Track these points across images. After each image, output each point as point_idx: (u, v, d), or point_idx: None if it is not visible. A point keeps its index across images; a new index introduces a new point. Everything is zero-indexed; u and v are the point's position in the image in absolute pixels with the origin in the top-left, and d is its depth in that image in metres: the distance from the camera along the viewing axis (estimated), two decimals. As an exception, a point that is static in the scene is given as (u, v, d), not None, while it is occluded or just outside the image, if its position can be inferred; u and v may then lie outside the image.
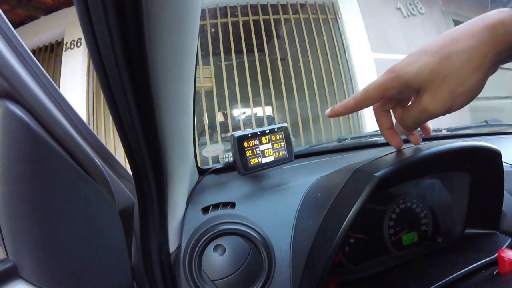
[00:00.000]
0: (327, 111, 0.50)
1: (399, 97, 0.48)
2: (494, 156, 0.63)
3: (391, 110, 0.52)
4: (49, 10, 4.61)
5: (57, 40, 4.56)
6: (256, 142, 0.73)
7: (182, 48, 0.39)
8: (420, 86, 0.39)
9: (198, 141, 3.98)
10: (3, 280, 0.44)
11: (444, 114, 0.40)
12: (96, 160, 0.52)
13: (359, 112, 4.23)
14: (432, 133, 1.12)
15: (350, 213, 0.49)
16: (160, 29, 0.31)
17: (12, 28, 0.41)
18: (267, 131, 0.74)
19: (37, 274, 0.46)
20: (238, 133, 0.72)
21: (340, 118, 4.08)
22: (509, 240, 0.65)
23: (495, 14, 0.34)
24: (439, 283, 0.54)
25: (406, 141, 0.93)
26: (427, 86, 0.38)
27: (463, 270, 0.56)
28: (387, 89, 0.43)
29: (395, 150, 0.61)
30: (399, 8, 4.70)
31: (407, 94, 0.45)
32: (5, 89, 0.39)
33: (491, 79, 0.39)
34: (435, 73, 0.37)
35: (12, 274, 0.45)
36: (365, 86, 0.45)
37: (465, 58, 0.35)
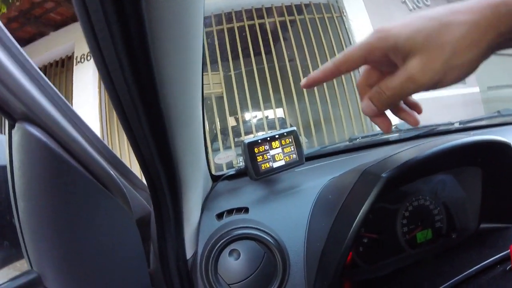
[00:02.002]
0: (302, 81, 0.44)
1: (383, 64, 0.41)
2: (505, 149, 0.63)
3: None
4: (57, 26, 4.70)
5: (67, 55, 4.66)
6: (267, 147, 0.74)
7: (187, 57, 0.40)
8: (410, 51, 0.34)
9: (211, 147, 4.00)
10: (28, 290, 0.46)
11: (431, 87, 0.35)
12: (112, 173, 0.53)
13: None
14: (444, 127, 1.12)
15: (360, 214, 0.50)
16: (164, 41, 0.32)
17: (24, 52, 0.43)
18: (277, 136, 0.75)
19: (60, 283, 0.48)
20: (248, 140, 0.73)
21: (352, 117, 4.05)
22: (524, 234, 0.64)
23: None
24: (452, 281, 0.54)
25: (412, 138, 0.93)
26: (419, 51, 0.34)
27: (476, 267, 0.56)
28: (371, 50, 0.38)
29: (405, 148, 0.61)
30: (404, 2, 4.67)
31: (391, 61, 0.39)
32: (23, 112, 0.41)
33: (503, 68, 0.37)
34: (431, 38, 0.33)
35: (36, 284, 0.47)
36: (347, 48, 0.40)
37: (465, 30, 0.32)
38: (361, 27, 4.29)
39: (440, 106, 3.79)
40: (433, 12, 0.34)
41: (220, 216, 0.69)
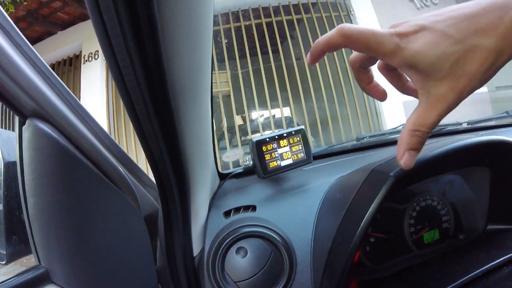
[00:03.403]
0: (308, 58, 0.40)
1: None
2: (512, 149, 0.62)
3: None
4: (65, 25, 4.74)
5: (75, 54, 4.69)
6: (274, 145, 0.74)
7: (197, 56, 0.40)
8: (432, 76, 0.32)
9: (218, 146, 4.01)
10: (36, 285, 0.47)
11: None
12: (121, 169, 0.54)
13: (378, 110, 4.19)
14: (452, 127, 1.12)
15: (368, 213, 0.50)
16: (175, 40, 0.32)
17: (35, 50, 0.44)
18: (285, 134, 0.75)
19: (67, 279, 0.49)
20: (256, 138, 0.74)
21: (359, 116, 4.04)
22: (532, 235, 0.64)
23: None
24: (459, 281, 0.54)
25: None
26: (446, 80, 0.32)
27: (483, 268, 0.56)
28: (382, 52, 0.34)
29: None
30: (412, 0, 4.64)
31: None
32: (33, 109, 0.41)
33: (510, 68, 0.37)
34: (458, 66, 0.31)
35: (44, 279, 0.48)
36: (360, 28, 0.35)
37: (491, 59, 0.30)
38: (368, 25, 4.27)
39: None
40: (456, 30, 0.31)
41: (227, 214, 0.69)
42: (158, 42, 0.29)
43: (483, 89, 4.17)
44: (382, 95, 0.43)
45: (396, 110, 3.92)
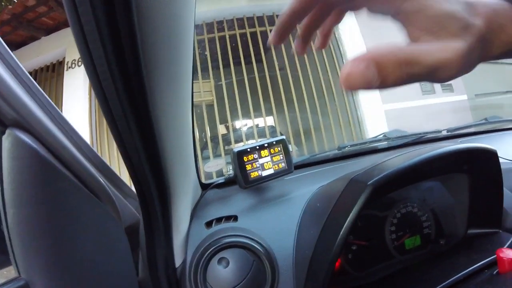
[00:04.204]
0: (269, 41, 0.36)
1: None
2: (490, 156, 0.64)
3: None
4: (49, 31, 4.66)
5: (58, 60, 4.61)
6: (256, 155, 0.75)
7: (178, 67, 0.40)
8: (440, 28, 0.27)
9: (202, 155, 3.98)
10: (16, 298, 0.46)
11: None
12: (102, 180, 0.54)
13: (360, 118, 4.24)
14: (432, 135, 1.14)
15: (347, 221, 0.50)
16: (155, 51, 0.32)
17: (16, 59, 0.43)
18: (266, 145, 0.76)
19: (48, 291, 0.48)
20: (237, 148, 0.74)
21: (342, 126, 4.08)
22: (512, 238, 0.66)
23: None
24: (440, 286, 0.55)
25: (400, 146, 0.94)
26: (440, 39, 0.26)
27: (464, 272, 0.57)
28: None
29: (393, 156, 0.63)
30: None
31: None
32: (13, 118, 0.41)
33: (490, 75, 0.36)
34: (458, 35, 0.26)
35: (24, 292, 0.47)
36: None
37: (477, 46, 0.26)
38: (351, 36, 4.34)
39: (428, 113, 3.83)
40: None
41: (209, 224, 0.69)
42: (137, 49, 0.29)
43: (463, 96, 4.27)
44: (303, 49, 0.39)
45: (378, 118, 3.99)
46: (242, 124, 4.33)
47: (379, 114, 4.04)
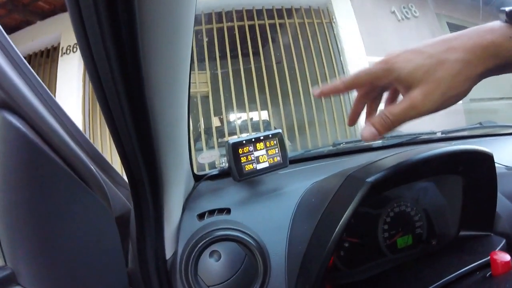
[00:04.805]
0: (316, 91, 0.49)
1: (384, 89, 0.50)
2: (486, 159, 0.64)
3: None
4: (45, 15, 4.59)
5: (53, 45, 4.54)
6: (251, 148, 0.74)
7: (176, 54, 0.39)
8: (412, 83, 0.40)
9: (195, 147, 3.97)
10: (2, 286, 0.45)
11: (430, 113, 0.41)
12: (92, 167, 0.52)
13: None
14: (427, 136, 1.14)
15: (343, 218, 0.50)
16: (154, 36, 0.31)
17: (8, 38, 0.42)
18: (262, 138, 0.75)
19: (34, 281, 0.46)
20: (233, 140, 0.73)
21: (336, 122, 4.09)
22: (503, 241, 0.66)
23: (488, 34, 0.37)
24: (432, 286, 0.55)
25: (395, 146, 0.94)
26: (420, 85, 0.39)
27: (456, 273, 0.57)
28: (378, 78, 0.44)
29: (389, 155, 0.62)
30: (393, 12, 4.73)
31: (393, 88, 0.48)
32: (2, 99, 0.39)
33: (486, 81, 0.41)
34: (429, 74, 0.39)
35: (10, 281, 0.46)
36: (356, 71, 0.45)
37: (458, 68, 0.37)
38: (349, 34, 4.33)
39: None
40: (432, 48, 0.40)
41: (201, 216, 0.68)
42: (135, 34, 0.28)
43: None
44: (354, 121, 0.55)
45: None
46: (237, 117, 4.31)
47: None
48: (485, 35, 0.37)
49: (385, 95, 0.51)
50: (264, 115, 4.31)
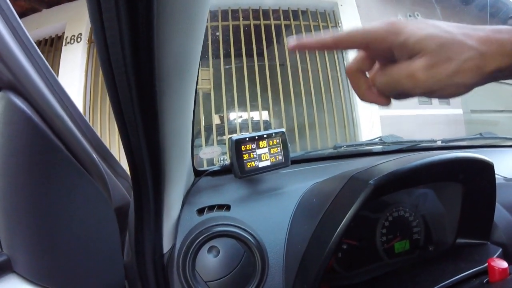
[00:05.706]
0: (291, 42, 0.39)
1: (380, 56, 0.40)
2: (487, 168, 0.64)
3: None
4: (51, 4, 4.57)
5: (57, 34, 4.52)
6: (254, 146, 0.73)
7: (188, 49, 0.39)
8: (420, 52, 0.34)
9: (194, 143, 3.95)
10: (-4, 273, 0.44)
11: (426, 91, 0.35)
12: (94, 156, 0.52)
13: (355, 120, 4.26)
14: (427, 144, 1.14)
15: (345, 219, 0.50)
16: (169, 27, 0.31)
17: (19, 19, 0.41)
18: (265, 136, 0.75)
19: (30, 268, 0.46)
20: (236, 136, 0.73)
21: (337, 125, 4.09)
22: (500, 250, 0.66)
23: (505, 34, 0.33)
24: None
25: (395, 152, 0.94)
26: (428, 55, 0.34)
27: (453, 279, 0.57)
28: (377, 40, 0.36)
29: (390, 159, 0.62)
30: (398, 16, 4.74)
31: (391, 56, 0.38)
32: (9, 80, 0.39)
33: (487, 93, 0.39)
34: (444, 48, 0.33)
35: (5, 267, 0.45)
36: (351, 29, 0.38)
37: (472, 55, 0.33)
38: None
39: (422, 123, 3.86)
40: (448, 26, 0.35)
41: (201, 211, 0.67)
42: (151, 22, 0.28)
43: (458, 110, 4.31)
44: (387, 99, 0.41)
45: (374, 123, 4.00)
46: (238, 115, 4.31)
47: (375, 118, 4.05)
48: (503, 34, 0.34)
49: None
50: (265, 115, 4.31)
